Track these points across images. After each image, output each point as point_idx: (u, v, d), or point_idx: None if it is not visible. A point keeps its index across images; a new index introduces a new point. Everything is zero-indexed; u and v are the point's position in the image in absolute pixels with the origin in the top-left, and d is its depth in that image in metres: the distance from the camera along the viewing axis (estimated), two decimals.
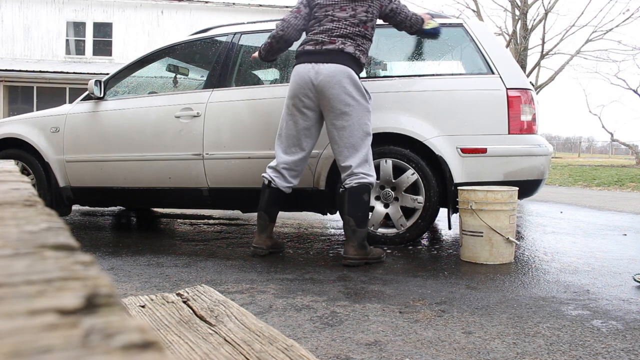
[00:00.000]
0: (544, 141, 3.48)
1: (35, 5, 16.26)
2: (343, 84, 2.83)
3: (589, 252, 3.30)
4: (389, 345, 1.71)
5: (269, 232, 3.12)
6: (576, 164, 17.45)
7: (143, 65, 4.19)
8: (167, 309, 1.01)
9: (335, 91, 2.83)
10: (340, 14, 2.92)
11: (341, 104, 2.84)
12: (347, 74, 2.84)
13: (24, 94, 15.34)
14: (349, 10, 2.92)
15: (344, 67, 2.84)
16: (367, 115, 2.92)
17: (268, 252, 3.11)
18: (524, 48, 16.68)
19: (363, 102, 2.89)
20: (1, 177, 0.67)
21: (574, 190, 8.67)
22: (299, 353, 0.83)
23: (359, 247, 2.86)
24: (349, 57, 2.87)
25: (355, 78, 2.87)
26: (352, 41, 2.91)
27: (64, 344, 0.20)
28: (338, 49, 2.87)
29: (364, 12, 2.93)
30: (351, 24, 2.91)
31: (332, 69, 2.84)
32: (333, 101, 2.85)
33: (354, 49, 2.89)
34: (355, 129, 2.88)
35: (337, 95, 2.84)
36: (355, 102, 2.86)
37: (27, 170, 4.23)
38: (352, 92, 2.85)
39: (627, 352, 1.67)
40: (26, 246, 0.31)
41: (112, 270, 2.77)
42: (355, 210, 2.87)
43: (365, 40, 2.96)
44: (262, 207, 3.08)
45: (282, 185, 3.05)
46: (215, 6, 16.66)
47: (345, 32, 2.90)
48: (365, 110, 2.90)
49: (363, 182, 2.87)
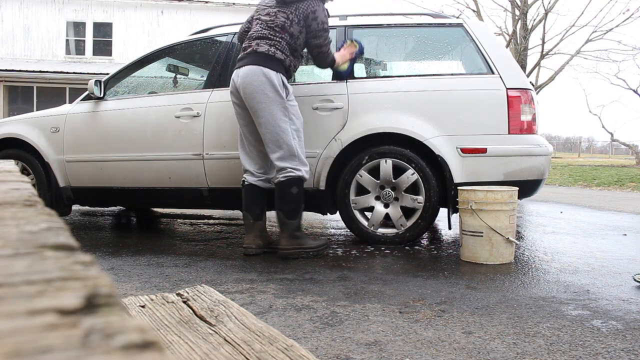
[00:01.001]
0: (544, 141, 3.48)
1: (35, 5, 16.26)
2: (254, 83, 2.98)
3: (589, 252, 3.29)
4: (389, 345, 1.71)
5: (258, 231, 3.16)
6: (576, 164, 17.45)
7: (143, 65, 4.19)
8: (167, 309, 1.01)
9: (249, 90, 3.00)
10: (264, 18, 3.12)
11: (253, 101, 3.00)
12: (259, 72, 2.98)
13: (24, 94, 15.34)
14: (272, 16, 3.09)
15: (255, 67, 2.99)
16: (282, 110, 3.00)
17: (260, 251, 3.15)
18: (524, 48, 16.68)
19: (275, 98, 2.98)
20: (1, 177, 0.67)
21: (574, 190, 8.67)
22: (299, 353, 0.83)
23: (290, 237, 3.04)
24: (262, 56, 3.02)
25: (270, 75, 2.97)
26: (268, 41, 3.05)
27: (64, 344, 0.20)
28: (252, 51, 3.05)
29: (284, 18, 3.06)
30: (268, 27, 3.08)
31: (245, 71, 3.02)
32: (248, 100, 3.02)
33: (269, 47, 3.03)
34: (271, 124, 2.99)
35: (250, 94, 3.00)
36: (267, 98, 2.97)
37: (27, 170, 4.23)
38: (264, 90, 2.97)
39: (627, 352, 1.67)
40: (26, 246, 0.31)
41: (112, 270, 2.77)
42: (283, 204, 3.05)
43: (284, 42, 3.05)
44: (243, 207, 3.22)
45: (253, 180, 3.17)
46: (215, 6, 16.66)
47: (261, 34, 3.08)
48: (278, 105, 2.99)
49: (290, 176, 3.01)
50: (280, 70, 3.02)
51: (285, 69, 3.06)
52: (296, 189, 3.02)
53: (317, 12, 3.08)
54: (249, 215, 3.16)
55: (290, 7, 3.07)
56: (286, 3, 3.07)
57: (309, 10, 3.06)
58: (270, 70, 2.98)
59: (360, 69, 3.78)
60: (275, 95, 2.98)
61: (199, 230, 4.25)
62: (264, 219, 3.20)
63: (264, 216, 3.20)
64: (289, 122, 3.02)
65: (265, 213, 3.22)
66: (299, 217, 3.06)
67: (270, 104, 2.97)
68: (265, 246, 3.18)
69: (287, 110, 3.02)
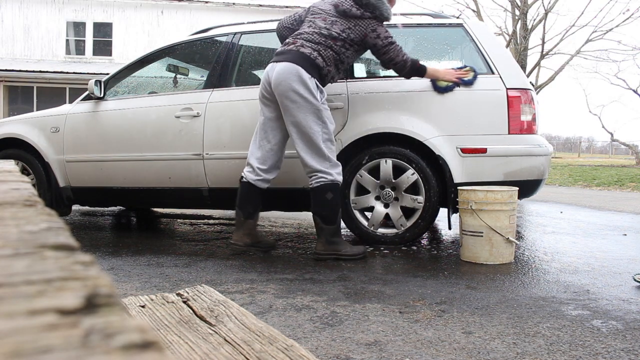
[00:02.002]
0: (544, 141, 3.48)
1: (35, 5, 16.26)
2: (289, 81, 2.93)
3: (589, 252, 3.29)
4: (389, 345, 1.71)
5: (247, 229, 3.14)
6: (576, 164, 17.45)
7: (143, 65, 4.19)
8: (167, 309, 1.01)
9: (283, 88, 2.94)
10: (319, 23, 3.07)
11: (287, 100, 2.94)
12: (295, 72, 2.93)
13: (24, 94, 15.34)
14: (327, 23, 3.05)
15: (293, 66, 2.94)
16: (316, 113, 2.96)
17: (247, 248, 3.15)
18: (524, 48, 16.68)
19: (311, 100, 2.94)
20: (1, 177, 0.67)
21: (574, 190, 8.67)
22: (299, 353, 0.83)
23: (326, 242, 3.02)
24: (302, 56, 2.97)
25: (304, 77, 2.93)
26: (314, 45, 3.01)
27: (64, 344, 0.20)
28: (295, 50, 3.00)
29: (340, 30, 3.03)
30: (320, 34, 3.03)
31: (283, 67, 2.96)
32: (281, 97, 2.96)
33: (312, 50, 2.99)
34: (303, 125, 2.95)
35: (284, 92, 2.94)
36: (301, 99, 2.93)
37: (27, 170, 4.23)
38: (298, 90, 2.92)
39: (627, 352, 1.67)
40: (26, 246, 0.31)
41: (112, 270, 2.77)
42: (319, 209, 3.01)
43: (331, 51, 3.02)
44: (237, 203, 3.18)
45: (252, 178, 3.10)
46: (215, 6, 16.66)
47: (311, 37, 3.03)
48: (312, 108, 2.95)
49: (322, 182, 2.97)
50: (315, 76, 2.97)
51: (320, 76, 3.01)
52: (331, 194, 2.97)
53: (379, 30, 3.04)
54: (240, 213, 3.14)
55: (350, 21, 3.03)
56: (348, 16, 3.03)
57: (369, 29, 3.03)
58: (306, 73, 2.93)
59: (361, 69, 3.78)
60: (310, 96, 2.93)
61: (199, 230, 4.25)
62: (255, 217, 3.18)
63: (256, 215, 3.18)
64: (321, 125, 2.97)
65: (258, 212, 3.20)
66: (336, 222, 3.01)
67: (304, 105, 2.92)
68: (252, 244, 3.17)
69: (321, 113, 2.97)
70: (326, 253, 3.01)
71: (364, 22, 3.03)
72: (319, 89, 2.98)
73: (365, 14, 3.03)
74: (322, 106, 2.98)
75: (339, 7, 3.07)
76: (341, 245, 3.03)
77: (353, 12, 3.03)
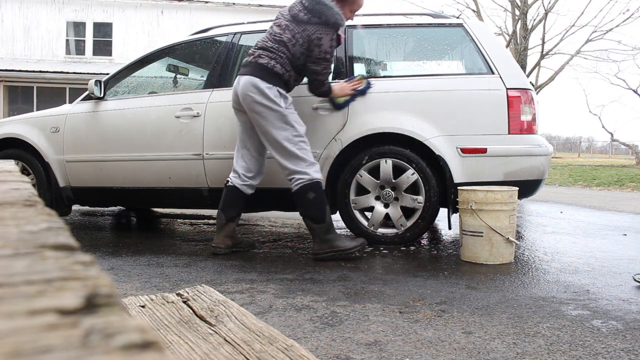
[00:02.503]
0: (544, 141, 3.48)
1: (35, 5, 16.26)
2: (250, 94, 2.99)
3: (589, 252, 3.29)
4: (389, 345, 1.71)
5: (227, 232, 3.19)
6: (576, 164, 17.45)
7: (143, 65, 4.19)
8: (167, 309, 1.01)
9: (247, 101, 3.02)
10: (275, 29, 3.10)
11: (253, 112, 3.02)
12: (254, 84, 2.98)
13: (24, 94, 15.34)
14: (281, 29, 3.07)
15: (251, 79, 3.00)
16: (282, 118, 2.99)
17: (229, 250, 3.19)
18: (524, 48, 16.68)
19: (275, 108, 2.98)
20: (1, 177, 0.67)
21: (574, 190, 8.67)
22: (299, 353, 0.83)
23: (322, 242, 3.03)
24: (260, 67, 3.01)
25: (262, 87, 2.97)
26: (269, 53, 3.03)
27: (64, 344, 0.20)
28: (253, 61, 3.05)
29: (290, 36, 3.03)
30: (274, 40, 3.06)
31: (244, 80, 3.03)
32: (247, 110, 3.04)
33: (268, 60, 3.01)
34: (272, 133, 2.99)
35: (248, 105, 3.02)
36: (265, 109, 2.98)
37: (27, 170, 4.23)
38: (260, 101, 2.98)
39: (627, 352, 1.67)
40: (26, 246, 0.31)
41: (112, 270, 2.77)
42: (305, 211, 3.05)
43: (285, 57, 3.03)
44: (220, 206, 3.22)
45: (238, 182, 3.17)
46: (215, 6, 16.66)
47: (266, 45, 3.06)
48: (277, 115, 2.99)
49: (300, 183, 3.00)
50: (278, 84, 3.00)
51: (284, 82, 3.04)
52: (312, 193, 2.99)
53: (323, 40, 3.01)
54: (222, 216, 3.18)
55: (300, 26, 3.02)
56: (297, 21, 3.03)
57: (315, 35, 3.01)
58: (265, 83, 2.97)
59: (361, 69, 3.78)
60: (272, 104, 2.97)
61: (199, 230, 4.25)
62: (236, 221, 3.24)
63: (237, 219, 3.24)
64: (290, 129, 3.00)
65: (239, 216, 3.26)
66: (325, 219, 3.01)
67: (268, 114, 2.98)
68: (234, 246, 3.22)
69: (287, 117, 3.00)
70: (323, 252, 3.01)
71: (311, 28, 3.01)
72: (282, 96, 3.01)
73: (313, 20, 3.00)
74: (287, 111, 3.02)
75: (291, 10, 3.08)
76: (337, 241, 3.03)
77: (300, 17, 3.02)
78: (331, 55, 3.10)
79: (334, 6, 3.01)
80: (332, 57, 3.12)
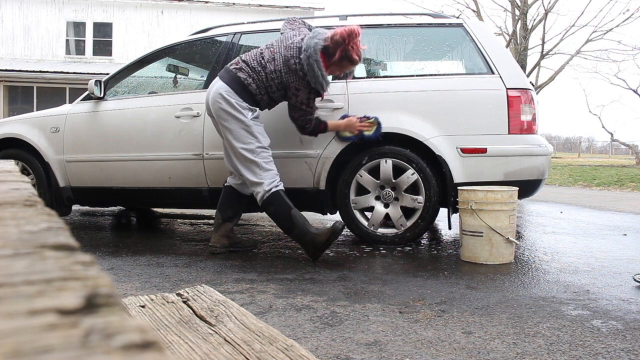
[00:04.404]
0: (544, 141, 3.48)
1: (35, 5, 16.25)
2: (219, 100, 3.00)
3: (589, 252, 3.29)
4: (389, 345, 1.71)
5: (224, 232, 3.21)
6: (576, 164, 17.44)
7: (143, 65, 4.19)
8: (167, 309, 1.01)
9: (215, 107, 3.03)
10: (266, 53, 3.06)
11: (219, 118, 3.03)
12: (223, 93, 2.98)
13: (24, 94, 15.34)
14: (270, 58, 3.02)
15: (224, 86, 3.00)
16: (246, 129, 2.99)
17: (225, 250, 3.20)
18: (524, 48, 16.68)
19: (240, 117, 2.98)
20: (1, 177, 0.67)
21: (574, 190, 8.67)
22: (299, 353, 0.83)
23: (305, 245, 2.98)
24: (236, 80, 3.01)
25: (231, 97, 2.96)
26: (250, 71, 3.02)
27: (64, 344, 0.20)
28: (232, 71, 3.05)
29: (273, 69, 3.00)
30: (258, 62, 3.03)
31: (217, 86, 3.04)
32: (215, 116, 3.06)
33: (247, 76, 3.01)
34: (234, 142, 2.99)
35: (216, 111, 3.03)
36: (230, 117, 2.99)
37: (27, 170, 4.23)
38: (226, 109, 2.99)
39: (627, 352, 1.67)
40: (26, 246, 0.31)
41: (112, 270, 2.77)
42: (277, 223, 3.08)
43: (261, 83, 3.01)
44: (217, 206, 3.26)
45: (234, 182, 3.21)
46: (215, 6, 16.65)
47: (250, 62, 3.05)
48: (241, 125, 2.99)
49: (259, 198, 3.00)
50: (247, 100, 3.00)
51: (255, 102, 3.04)
52: (272, 207, 2.99)
53: (300, 92, 3.00)
54: (219, 216, 3.21)
55: (285, 67, 2.98)
56: (286, 63, 2.98)
57: (294, 85, 2.99)
58: (236, 96, 2.97)
59: (361, 68, 3.78)
60: (237, 114, 2.97)
61: (199, 230, 4.25)
62: (234, 221, 3.25)
63: (234, 219, 3.25)
64: (254, 139, 3.00)
65: (237, 217, 3.27)
66: (295, 226, 2.95)
67: (232, 124, 2.98)
68: (230, 246, 3.23)
69: (251, 128, 2.99)
70: (313, 254, 2.99)
71: (293, 77, 2.98)
72: (250, 109, 3.01)
73: (299, 72, 2.97)
74: (252, 122, 3.01)
75: (287, 49, 3.01)
76: (315, 238, 2.94)
77: (290, 63, 2.97)
78: (308, 106, 3.05)
79: (324, 75, 2.96)
80: (310, 108, 3.07)
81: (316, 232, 2.96)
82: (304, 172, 3.45)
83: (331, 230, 2.94)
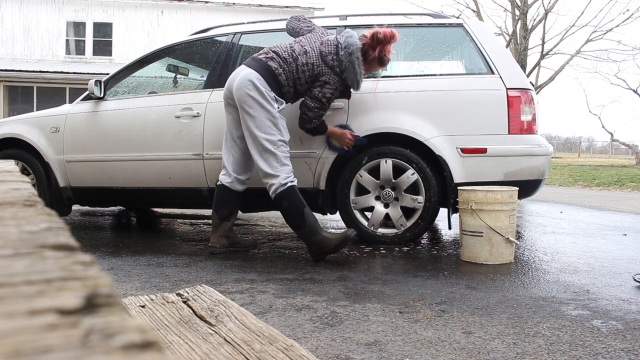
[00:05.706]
0: (544, 141, 3.48)
1: (35, 5, 16.25)
2: (247, 87, 2.96)
3: (589, 252, 3.29)
4: (389, 345, 1.71)
5: (222, 232, 3.20)
6: (576, 164, 17.44)
7: (143, 65, 4.19)
8: (167, 309, 1.01)
9: (240, 93, 2.98)
10: (297, 46, 3.08)
11: (244, 104, 2.98)
12: (253, 79, 2.96)
13: (24, 94, 15.34)
14: (302, 52, 3.05)
15: (254, 73, 2.98)
16: (272, 120, 2.98)
17: (225, 250, 3.20)
18: (524, 48, 16.68)
19: (267, 107, 2.96)
20: (1, 177, 0.67)
21: (574, 190, 8.67)
22: (299, 353, 0.83)
23: (311, 246, 2.98)
24: (267, 68, 3.00)
25: (261, 86, 2.96)
26: (281, 61, 3.03)
27: (64, 344, 0.20)
28: (263, 60, 3.03)
29: (305, 62, 3.03)
30: (290, 54, 3.04)
31: (246, 73, 3.00)
32: (239, 102, 3.00)
33: (278, 66, 3.02)
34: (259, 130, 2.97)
35: (241, 97, 2.98)
36: (258, 105, 2.96)
37: (27, 170, 4.23)
38: (255, 96, 2.96)
39: (627, 352, 1.67)
40: (26, 246, 0.31)
41: (112, 270, 2.77)
42: (285, 218, 3.09)
43: (291, 74, 3.03)
44: (213, 206, 3.25)
45: (227, 181, 3.16)
46: (215, 6, 16.65)
47: (282, 53, 3.05)
48: (267, 115, 2.97)
49: (274, 193, 2.98)
50: (275, 90, 3.01)
51: (281, 93, 3.05)
52: (285, 202, 2.97)
53: (328, 86, 3.05)
54: (216, 216, 3.20)
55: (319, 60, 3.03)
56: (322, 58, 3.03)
57: (325, 78, 3.04)
58: (265, 84, 2.97)
59: None
60: (266, 103, 2.96)
61: (199, 230, 4.25)
62: (231, 220, 3.24)
63: (232, 218, 3.24)
64: (277, 132, 2.99)
65: (234, 215, 3.26)
66: (306, 224, 2.95)
67: (258, 112, 2.96)
68: (230, 245, 3.22)
69: (277, 120, 2.99)
70: (316, 256, 2.98)
71: (327, 69, 3.03)
72: (276, 100, 3.01)
73: (335, 68, 3.02)
74: (278, 114, 3.01)
75: (324, 45, 3.06)
76: (324, 241, 2.95)
77: (328, 59, 3.02)
78: (328, 101, 3.10)
79: (362, 72, 3.05)
80: (328, 104, 3.12)
81: (327, 235, 2.98)
82: (304, 172, 3.45)
83: (342, 238, 2.95)
